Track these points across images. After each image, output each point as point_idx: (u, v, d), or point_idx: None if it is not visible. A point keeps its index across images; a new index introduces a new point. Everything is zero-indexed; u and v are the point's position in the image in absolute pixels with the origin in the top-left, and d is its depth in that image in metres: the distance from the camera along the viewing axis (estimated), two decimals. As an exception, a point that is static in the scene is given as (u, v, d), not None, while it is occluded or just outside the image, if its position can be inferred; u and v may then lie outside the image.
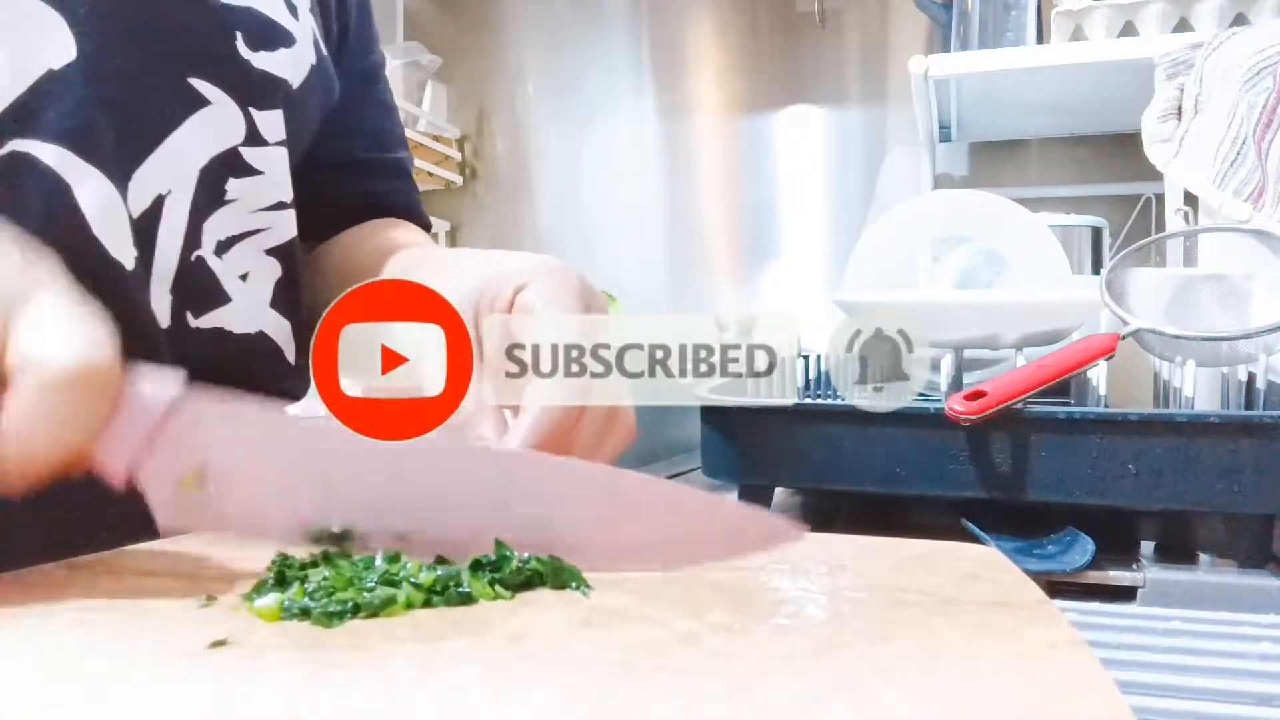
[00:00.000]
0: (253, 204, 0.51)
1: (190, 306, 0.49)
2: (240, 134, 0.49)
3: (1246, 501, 0.51)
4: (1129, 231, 1.34)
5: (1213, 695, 0.34)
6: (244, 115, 0.49)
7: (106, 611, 0.28)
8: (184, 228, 0.48)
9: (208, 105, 0.48)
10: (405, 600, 0.29)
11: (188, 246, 0.48)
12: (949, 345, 0.75)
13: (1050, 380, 0.59)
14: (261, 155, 0.51)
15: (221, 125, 0.49)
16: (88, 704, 0.21)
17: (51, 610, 0.28)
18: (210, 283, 0.49)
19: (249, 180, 0.50)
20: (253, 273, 0.52)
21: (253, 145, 0.50)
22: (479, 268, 0.44)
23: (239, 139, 0.49)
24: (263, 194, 0.51)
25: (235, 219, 0.50)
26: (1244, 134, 0.86)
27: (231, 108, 0.49)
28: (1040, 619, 0.28)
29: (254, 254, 0.52)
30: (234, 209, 0.50)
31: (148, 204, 0.46)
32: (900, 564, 0.35)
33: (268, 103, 0.50)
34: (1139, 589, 0.51)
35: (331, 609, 0.28)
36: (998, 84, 1.23)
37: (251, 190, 0.51)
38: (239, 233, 0.51)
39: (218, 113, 0.48)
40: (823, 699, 0.22)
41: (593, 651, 0.25)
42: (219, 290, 0.50)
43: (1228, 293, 0.69)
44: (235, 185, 0.50)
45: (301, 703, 0.22)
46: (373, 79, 0.65)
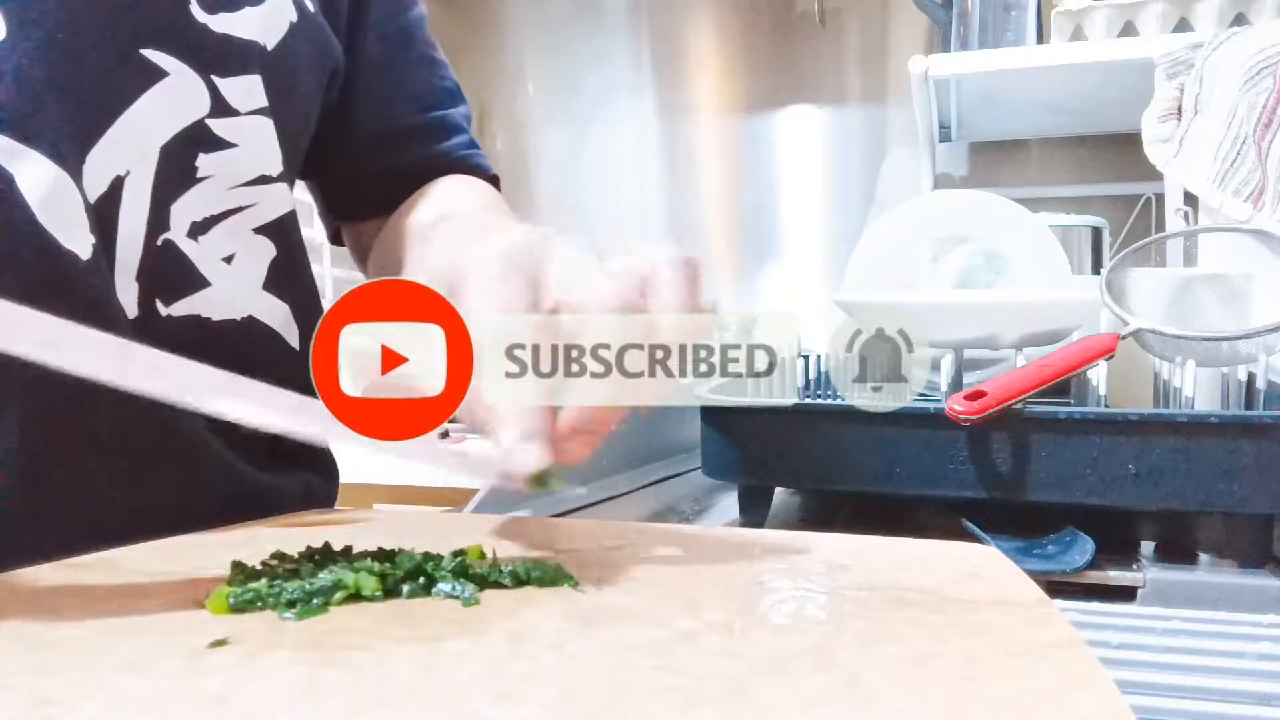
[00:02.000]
0: (229, 180, 0.48)
1: (160, 294, 0.46)
2: (204, 105, 0.46)
3: (1246, 501, 0.51)
4: (1129, 231, 1.34)
5: (1212, 695, 0.34)
6: (207, 84, 0.46)
7: (106, 611, 0.28)
8: (147, 210, 0.45)
9: (165, 77, 0.44)
10: (355, 585, 0.29)
11: (153, 230, 0.45)
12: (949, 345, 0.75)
13: (1050, 380, 0.59)
14: (233, 126, 0.47)
15: (182, 97, 0.45)
16: (88, 704, 0.21)
17: (51, 610, 0.28)
18: (182, 267, 0.46)
19: (221, 154, 0.47)
20: (239, 254, 0.49)
21: (221, 116, 0.47)
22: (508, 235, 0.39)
23: (204, 110, 0.46)
24: (239, 168, 0.48)
25: (210, 198, 0.47)
26: (1244, 134, 0.86)
27: (191, 77, 0.45)
28: (1040, 619, 0.28)
29: (239, 234, 0.49)
30: (207, 187, 0.47)
31: (105, 187, 0.43)
32: (900, 563, 0.35)
33: (234, 68, 0.47)
34: (1139, 589, 0.51)
35: (285, 597, 0.28)
36: (998, 84, 1.23)
37: (225, 165, 0.47)
38: (217, 212, 0.47)
39: (176, 84, 0.45)
40: (823, 699, 0.22)
41: (593, 651, 0.25)
42: (194, 275, 0.47)
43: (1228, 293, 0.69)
44: (206, 161, 0.46)
45: (301, 703, 0.22)
46: (407, 39, 0.62)
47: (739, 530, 0.61)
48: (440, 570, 0.31)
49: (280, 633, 0.27)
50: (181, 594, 0.30)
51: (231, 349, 0.48)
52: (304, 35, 0.51)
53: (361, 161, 0.62)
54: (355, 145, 0.61)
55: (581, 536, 0.40)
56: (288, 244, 0.51)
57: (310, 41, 0.53)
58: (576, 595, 0.30)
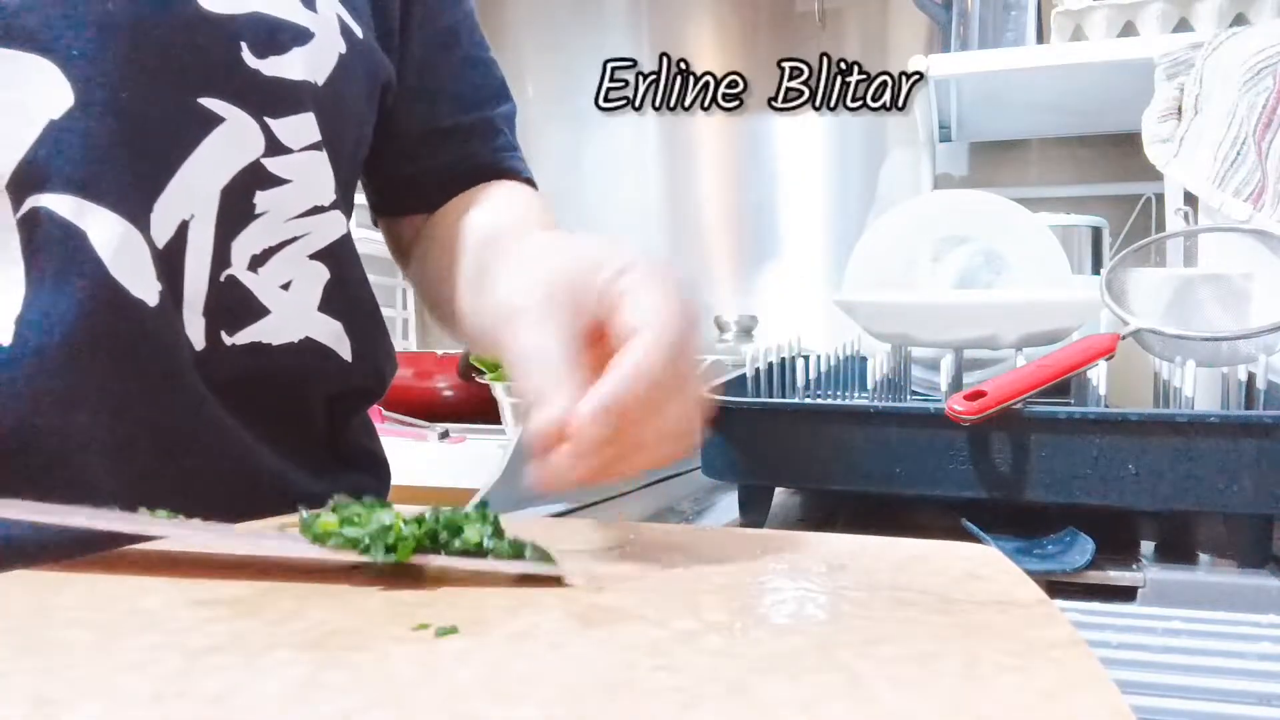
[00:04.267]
0: (284, 213, 0.50)
1: (224, 325, 0.48)
2: (259, 146, 0.48)
3: (1246, 501, 0.51)
4: (1129, 231, 1.34)
5: (1213, 695, 0.34)
6: (261, 127, 0.48)
7: (106, 611, 0.28)
8: (210, 250, 0.47)
9: (222, 123, 0.47)
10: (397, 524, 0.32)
11: (216, 267, 0.47)
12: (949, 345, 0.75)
13: (1050, 380, 0.59)
14: (287, 164, 0.49)
15: (239, 141, 0.47)
16: (88, 704, 0.21)
17: (51, 610, 0.28)
18: (244, 299, 0.49)
19: (276, 191, 0.49)
20: (296, 280, 0.51)
21: (275, 155, 0.49)
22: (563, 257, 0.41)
23: (259, 151, 0.48)
24: (294, 202, 0.50)
25: (267, 231, 0.49)
26: (1244, 134, 0.86)
27: (247, 121, 0.47)
28: (1040, 618, 0.28)
29: (295, 262, 0.51)
30: (265, 222, 0.49)
31: (172, 233, 0.45)
32: (900, 563, 0.35)
33: (286, 109, 0.49)
34: (1139, 589, 0.51)
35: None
36: (998, 84, 1.23)
37: (281, 200, 0.49)
38: (274, 244, 0.50)
39: (233, 129, 0.47)
40: (823, 699, 0.22)
41: (593, 651, 0.25)
42: (255, 305, 0.49)
43: (1228, 293, 0.69)
44: (263, 198, 0.49)
45: (301, 703, 0.22)
46: (451, 40, 0.63)
47: (739, 530, 0.61)
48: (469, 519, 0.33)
49: (280, 633, 0.27)
50: (182, 594, 0.30)
51: (289, 368, 0.51)
52: (354, 64, 0.53)
53: (402, 161, 0.63)
54: (398, 145, 0.62)
55: (581, 536, 0.40)
56: (340, 265, 0.53)
57: (360, 68, 0.54)
58: (576, 595, 0.30)
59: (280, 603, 0.29)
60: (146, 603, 0.29)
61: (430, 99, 0.62)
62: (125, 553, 0.35)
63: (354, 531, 0.32)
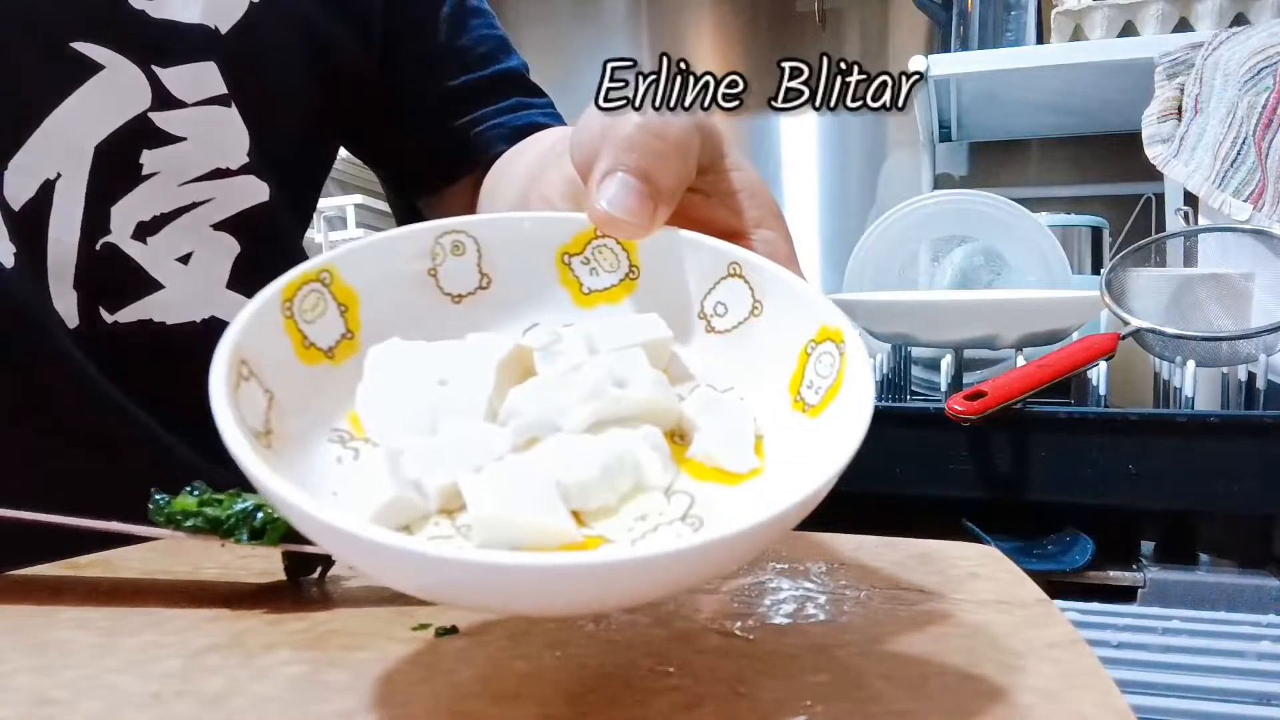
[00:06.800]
0: (179, 175, 0.45)
1: (103, 300, 0.43)
2: (145, 98, 0.43)
3: (1246, 501, 0.51)
4: (1129, 231, 1.34)
5: (1212, 695, 0.34)
6: (146, 76, 0.43)
7: (106, 611, 0.28)
8: (80, 213, 0.42)
9: (99, 71, 0.42)
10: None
11: (90, 233, 0.42)
12: (949, 345, 0.75)
13: (1050, 380, 0.59)
14: (181, 118, 0.44)
15: (119, 91, 0.42)
16: (88, 704, 0.21)
17: (51, 610, 0.28)
18: (128, 271, 0.44)
19: (168, 149, 0.44)
20: (197, 252, 0.46)
21: (166, 109, 0.43)
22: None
23: (145, 104, 0.43)
24: (190, 163, 0.45)
25: (158, 195, 0.44)
26: (1244, 134, 0.86)
27: (129, 69, 0.42)
28: (1040, 618, 0.28)
29: (195, 231, 0.45)
30: (155, 184, 0.44)
31: (32, 192, 0.41)
32: (900, 563, 0.35)
33: (178, 57, 0.43)
34: (1139, 589, 0.51)
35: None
36: (998, 84, 1.23)
37: (174, 160, 0.44)
38: (167, 210, 0.44)
39: (112, 78, 0.42)
40: (823, 699, 0.22)
41: (593, 651, 0.25)
42: (142, 278, 0.44)
43: (1228, 293, 0.69)
44: (151, 157, 0.43)
45: (301, 703, 0.22)
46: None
47: (739, 530, 0.61)
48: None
49: (280, 633, 0.27)
50: (181, 594, 0.30)
51: (190, 352, 0.45)
52: (271, 13, 0.47)
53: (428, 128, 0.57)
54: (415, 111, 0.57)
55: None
56: (256, 237, 0.48)
57: (280, 19, 0.48)
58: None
59: (280, 601, 0.29)
60: (146, 602, 0.29)
61: (433, 62, 0.57)
62: (126, 552, 0.35)
63: (216, 512, 0.29)
